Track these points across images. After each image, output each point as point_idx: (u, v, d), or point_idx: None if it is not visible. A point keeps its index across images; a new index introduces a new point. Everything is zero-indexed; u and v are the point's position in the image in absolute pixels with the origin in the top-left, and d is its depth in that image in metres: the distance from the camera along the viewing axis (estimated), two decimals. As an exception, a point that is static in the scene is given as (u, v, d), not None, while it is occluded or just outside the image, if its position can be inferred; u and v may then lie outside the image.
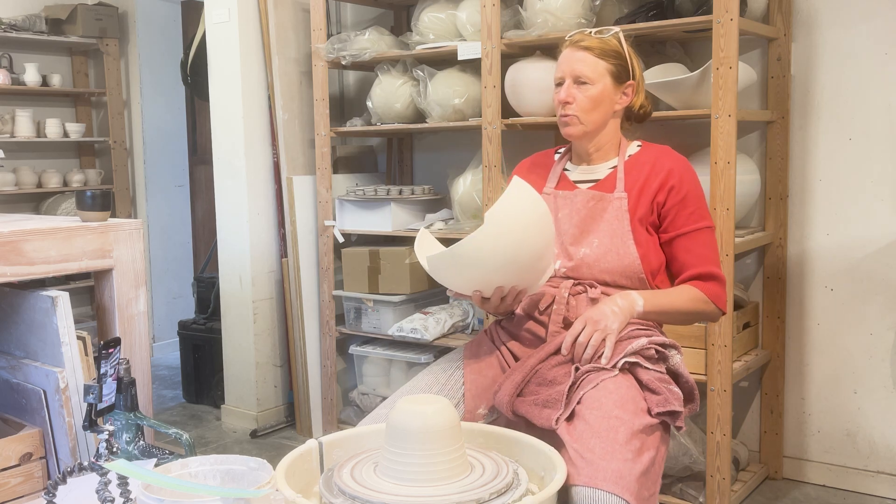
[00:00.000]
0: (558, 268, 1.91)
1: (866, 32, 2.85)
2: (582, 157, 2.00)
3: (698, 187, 1.95)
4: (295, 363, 3.76)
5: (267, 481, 1.52)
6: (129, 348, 2.48)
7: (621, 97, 1.94)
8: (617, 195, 1.90)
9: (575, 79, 1.90)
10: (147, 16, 5.10)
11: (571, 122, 1.92)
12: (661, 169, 1.91)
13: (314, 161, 3.62)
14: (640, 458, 1.56)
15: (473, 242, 1.63)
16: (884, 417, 2.94)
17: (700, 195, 1.94)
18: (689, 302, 1.87)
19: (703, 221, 1.91)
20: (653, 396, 1.70)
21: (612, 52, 1.91)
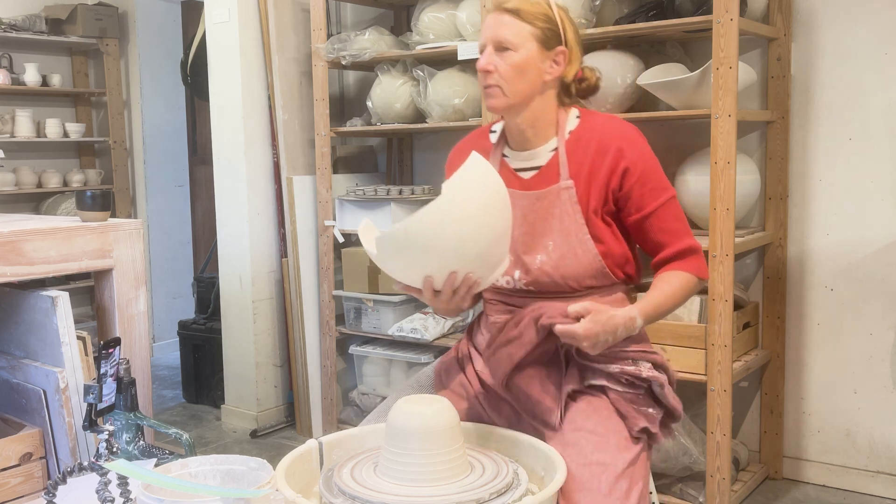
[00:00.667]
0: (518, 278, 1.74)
1: (866, 32, 2.85)
2: (518, 139, 1.79)
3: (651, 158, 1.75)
4: (295, 363, 3.76)
5: (267, 481, 1.52)
6: (129, 348, 2.48)
7: (551, 65, 1.71)
8: (563, 184, 1.71)
9: (496, 45, 1.70)
10: (147, 16, 5.10)
11: (494, 94, 1.71)
12: (608, 149, 1.71)
13: (314, 161, 3.63)
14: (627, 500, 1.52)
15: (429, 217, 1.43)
16: (884, 417, 2.94)
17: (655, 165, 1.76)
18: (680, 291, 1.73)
19: (665, 193, 1.74)
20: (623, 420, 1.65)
21: (539, 14, 1.70)
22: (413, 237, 1.46)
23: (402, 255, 1.53)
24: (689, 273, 1.74)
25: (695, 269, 1.74)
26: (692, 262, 1.74)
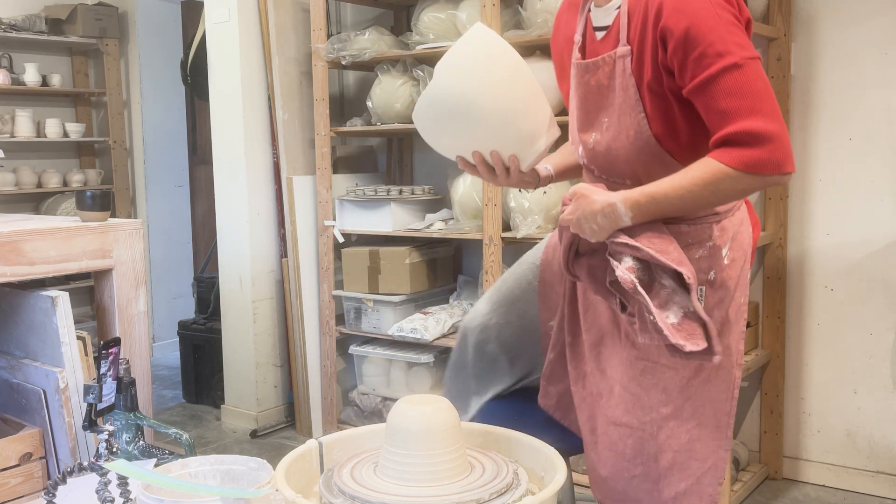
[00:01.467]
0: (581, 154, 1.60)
1: (866, 32, 2.85)
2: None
3: (702, 15, 1.39)
4: (295, 363, 3.76)
5: (267, 481, 1.52)
6: (129, 348, 2.48)
7: None
8: (619, 52, 1.49)
9: None
10: (147, 16, 5.10)
11: None
12: (653, 7, 1.43)
13: (314, 161, 3.62)
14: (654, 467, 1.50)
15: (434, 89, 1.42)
16: (884, 417, 2.94)
17: (707, 25, 1.39)
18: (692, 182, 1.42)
19: (720, 61, 1.38)
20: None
21: None
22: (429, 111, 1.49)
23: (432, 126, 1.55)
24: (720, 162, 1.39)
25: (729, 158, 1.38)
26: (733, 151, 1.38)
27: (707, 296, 1.60)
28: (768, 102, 1.38)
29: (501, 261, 3.07)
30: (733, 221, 1.61)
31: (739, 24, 1.42)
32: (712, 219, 1.58)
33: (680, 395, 1.59)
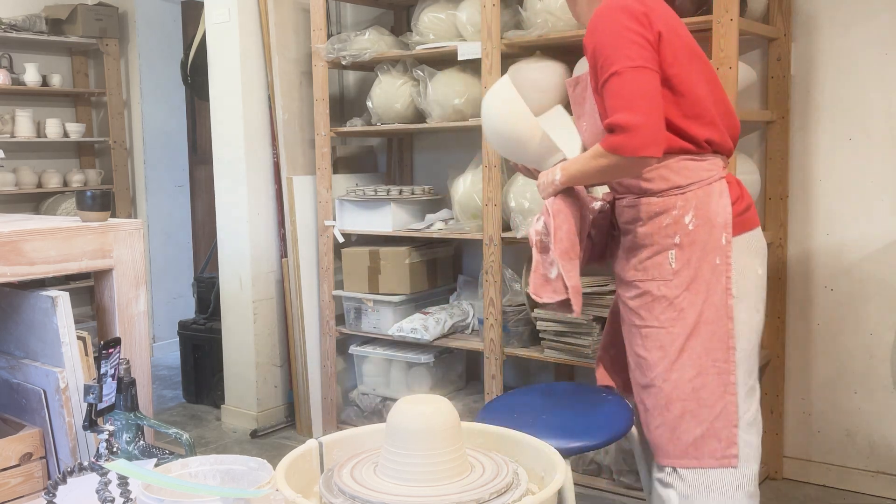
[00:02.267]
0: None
1: (866, 33, 2.85)
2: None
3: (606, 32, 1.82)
4: (295, 363, 3.76)
5: (267, 481, 1.52)
6: (129, 348, 2.48)
7: None
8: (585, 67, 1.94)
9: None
10: (147, 16, 5.10)
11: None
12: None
13: (314, 161, 3.62)
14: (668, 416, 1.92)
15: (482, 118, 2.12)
16: (884, 417, 2.94)
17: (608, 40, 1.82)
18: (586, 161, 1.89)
19: (610, 69, 1.80)
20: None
21: None
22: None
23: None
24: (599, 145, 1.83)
25: (603, 142, 1.82)
26: (607, 137, 1.81)
27: (676, 258, 1.92)
28: (639, 101, 1.78)
29: (501, 261, 3.07)
30: (698, 194, 1.92)
31: (638, 40, 1.81)
32: (676, 191, 1.93)
33: (676, 350, 1.91)
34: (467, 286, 3.54)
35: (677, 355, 1.90)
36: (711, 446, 1.89)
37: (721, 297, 1.89)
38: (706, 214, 1.91)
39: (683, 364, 1.89)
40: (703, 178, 1.93)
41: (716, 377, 1.89)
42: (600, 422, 2.00)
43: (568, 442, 1.89)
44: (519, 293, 3.14)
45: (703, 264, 1.90)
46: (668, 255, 1.92)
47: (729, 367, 1.89)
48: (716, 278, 1.89)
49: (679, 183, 1.92)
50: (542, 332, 3.03)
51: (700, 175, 1.92)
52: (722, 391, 1.89)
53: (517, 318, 3.14)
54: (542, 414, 2.05)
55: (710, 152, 1.94)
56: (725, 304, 1.89)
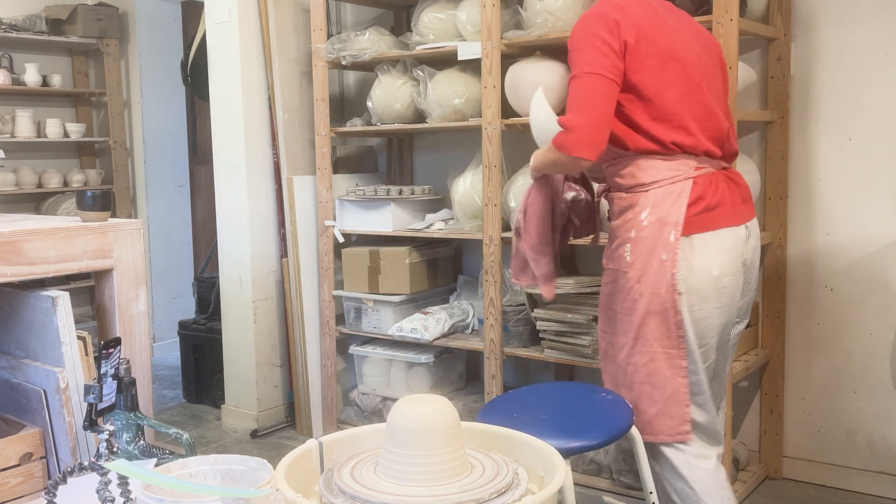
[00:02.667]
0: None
1: (866, 32, 2.85)
2: None
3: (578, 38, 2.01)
4: (295, 363, 3.76)
5: (267, 481, 1.52)
6: (129, 348, 2.48)
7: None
8: None
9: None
10: (147, 16, 5.10)
11: None
12: None
13: (314, 161, 3.63)
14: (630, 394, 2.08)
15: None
16: (884, 417, 2.94)
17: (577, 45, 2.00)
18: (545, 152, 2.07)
19: (572, 71, 2.00)
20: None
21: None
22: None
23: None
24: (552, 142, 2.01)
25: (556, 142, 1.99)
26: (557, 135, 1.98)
27: (630, 251, 2.04)
28: (585, 104, 1.95)
29: (501, 261, 3.07)
30: (658, 193, 2.02)
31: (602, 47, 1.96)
32: (641, 189, 2.05)
33: (632, 336, 2.05)
34: (467, 286, 3.54)
35: (633, 342, 2.05)
36: (665, 423, 2.06)
37: (667, 291, 1.99)
38: (660, 212, 2.01)
39: (639, 350, 2.05)
40: (667, 178, 2.03)
41: (666, 362, 2.03)
42: (600, 421, 2.01)
43: (568, 442, 1.89)
44: (519, 293, 3.14)
45: (651, 259, 2.00)
46: (626, 248, 2.04)
47: (680, 352, 2.02)
48: (662, 273, 1.99)
49: (644, 181, 2.04)
50: (542, 332, 3.03)
51: (665, 174, 2.03)
52: (672, 374, 2.03)
53: (517, 318, 3.14)
54: (543, 413, 2.05)
55: (679, 153, 2.02)
56: (672, 298, 1.99)
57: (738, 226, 2.07)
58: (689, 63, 2.04)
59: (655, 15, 2.04)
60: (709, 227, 2.01)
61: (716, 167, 2.09)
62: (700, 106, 2.04)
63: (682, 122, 2.01)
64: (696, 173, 2.03)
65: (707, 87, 2.07)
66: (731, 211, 2.06)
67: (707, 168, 2.06)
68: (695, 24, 2.19)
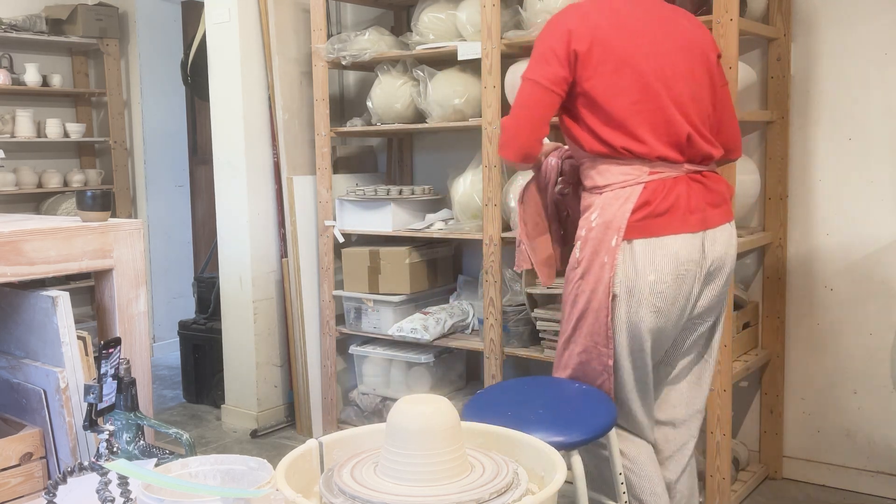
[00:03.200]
0: None
1: (866, 32, 2.85)
2: None
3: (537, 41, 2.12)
4: (295, 363, 3.76)
5: (267, 481, 1.52)
6: (129, 348, 2.48)
7: None
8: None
9: None
10: (147, 16, 5.11)
11: None
12: None
13: (314, 161, 3.63)
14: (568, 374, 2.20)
15: None
16: (884, 417, 2.94)
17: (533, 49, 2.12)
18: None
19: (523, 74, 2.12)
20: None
21: None
22: None
23: None
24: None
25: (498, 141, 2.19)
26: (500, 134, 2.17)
27: (580, 248, 2.12)
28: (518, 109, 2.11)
29: (501, 261, 3.07)
30: (608, 197, 2.08)
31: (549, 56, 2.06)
32: (596, 191, 2.12)
33: (571, 326, 2.15)
34: (467, 286, 3.54)
35: (572, 332, 2.15)
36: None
37: (604, 292, 2.06)
38: (606, 216, 2.06)
39: (577, 339, 2.15)
40: (618, 181, 2.07)
41: (597, 358, 2.12)
42: (600, 412, 2.01)
43: (570, 436, 1.90)
44: (519, 293, 3.14)
45: (594, 259, 2.07)
46: (577, 246, 2.13)
47: (609, 352, 2.09)
48: (601, 275, 2.06)
49: (599, 183, 2.11)
50: (542, 332, 3.03)
51: (617, 178, 2.07)
52: (601, 370, 2.12)
53: (517, 318, 3.14)
54: (539, 408, 2.05)
55: (632, 158, 2.05)
56: (606, 299, 2.06)
57: (690, 233, 2.05)
58: (648, 69, 2.04)
59: (618, 21, 2.06)
60: (651, 233, 2.03)
61: (679, 171, 2.08)
62: (656, 112, 2.04)
63: (633, 129, 2.03)
64: (650, 178, 2.05)
65: (669, 92, 2.06)
66: (683, 218, 2.05)
67: (665, 173, 2.06)
68: (682, 23, 2.15)
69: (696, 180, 2.10)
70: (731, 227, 2.16)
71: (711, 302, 2.15)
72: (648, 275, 2.03)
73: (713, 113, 2.16)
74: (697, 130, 2.10)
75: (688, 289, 2.07)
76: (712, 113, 2.15)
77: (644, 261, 2.03)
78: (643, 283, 2.03)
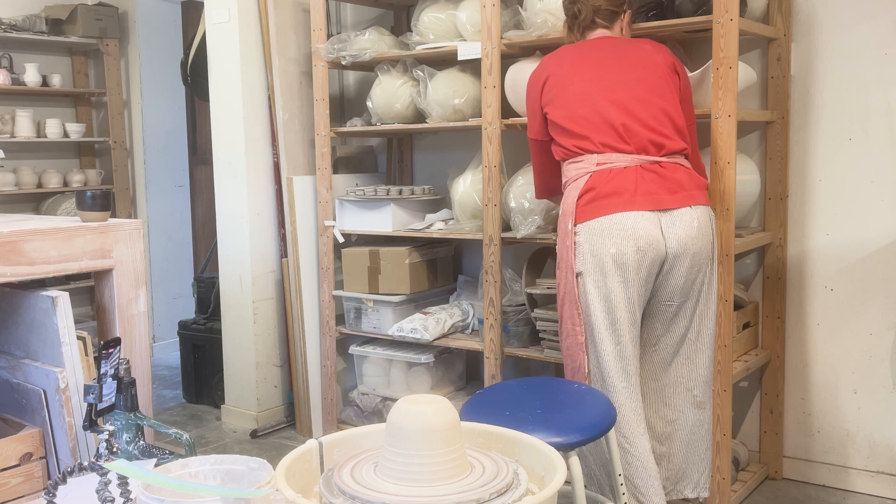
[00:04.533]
0: None
1: (866, 32, 2.85)
2: None
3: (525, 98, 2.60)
4: (295, 363, 3.76)
5: (267, 481, 1.52)
6: (129, 348, 2.48)
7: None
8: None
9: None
10: (147, 16, 5.10)
11: None
12: None
13: (314, 161, 3.63)
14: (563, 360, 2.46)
15: None
16: (884, 417, 2.94)
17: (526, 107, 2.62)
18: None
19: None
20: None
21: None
22: None
23: None
24: None
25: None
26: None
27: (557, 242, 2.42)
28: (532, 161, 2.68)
29: (501, 261, 3.07)
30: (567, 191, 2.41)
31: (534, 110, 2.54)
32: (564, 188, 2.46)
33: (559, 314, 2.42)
34: (467, 286, 3.54)
35: (560, 320, 2.42)
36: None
37: (570, 273, 2.34)
38: (563, 206, 2.40)
39: (561, 328, 2.42)
40: (572, 177, 2.39)
41: (573, 338, 2.37)
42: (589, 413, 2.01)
43: (569, 436, 1.89)
44: (519, 293, 3.14)
45: (561, 247, 2.38)
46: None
47: (580, 329, 2.34)
48: (566, 258, 2.35)
49: (566, 182, 2.44)
50: (542, 332, 3.03)
51: (572, 174, 2.40)
52: (577, 350, 2.37)
53: (517, 318, 3.14)
54: (537, 408, 2.05)
55: (583, 154, 2.38)
56: (573, 279, 2.33)
57: (641, 211, 2.28)
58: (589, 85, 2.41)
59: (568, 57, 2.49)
60: (599, 213, 2.30)
61: (629, 162, 2.34)
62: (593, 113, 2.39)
63: (578, 131, 2.39)
64: (597, 168, 2.34)
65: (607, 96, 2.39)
66: (630, 199, 2.29)
67: (613, 163, 2.34)
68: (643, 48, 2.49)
69: (649, 169, 2.34)
70: (694, 213, 2.33)
71: (684, 284, 2.36)
72: (610, 248, 2.27)
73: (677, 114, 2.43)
74: (641, 123, 2.36)
75: (649, 261, 2.29)
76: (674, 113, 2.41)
77: (602, 237, 2.28)
78: (606, 256, 2.27)
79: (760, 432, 3.14)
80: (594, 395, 2.13)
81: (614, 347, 2.31)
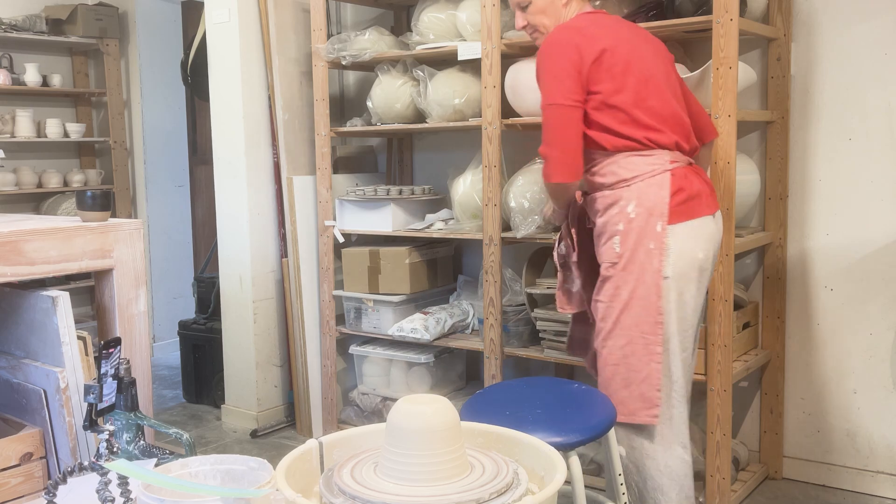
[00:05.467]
0: None
1: (866, 32, 2.85)
2: None
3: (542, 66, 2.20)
4: (295, 363, 3.76)
5: (267, 481, 1.52)
6: (129, 348, 2.48)
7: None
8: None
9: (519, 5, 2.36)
10: (147, 16, 5.10)
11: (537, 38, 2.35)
12: None
13: (314, 161, 3.63)
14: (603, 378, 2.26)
15: None
16: (884, 417, 2.94)
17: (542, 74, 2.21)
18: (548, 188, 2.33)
19: (542, 101, 2.18)
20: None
21: None
22: None
23: None
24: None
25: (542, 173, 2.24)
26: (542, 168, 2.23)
27: (620, 242, 2.19)
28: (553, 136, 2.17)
29: (501, 261, 3.07)
30: (640, 186, 2.18)
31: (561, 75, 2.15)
32: (623, 184, 2.20)
33: (612, 322, 2.20)
34: (467, 286, 3.54)
35: (612, 326, 2.20)
36: (636, 405, 2.19)
37: (653, 277, 2.15)
38: (646, 204, 2.17)
39: (617, 334, 2.19)
40: (646, 172, 2.19)
41: (643, 347, 2.17)
42: (589, 413, 2.01)
43: (569, 436, 1.90)
44: (519, 293, 3.14)
45: (638, 248, 2.16)
46: (614, 241, 2.20)
47: (656, 338, 2.16)
48: (648, 260, 2.16)
49: (625, 177, 2.20)
50: (542, 332, 3.03)
51: (643, 169, 2.19)
52: (648, 359, 2.17)
53: (517, 318, 3.14)
54: (537, 408, 2.05)
55: (655, 148, 2.20)
56: (656, 283, 2.15)
57: (711, 215, 2.25)
58: (648, 69, 2.22)
59: (613, 30, 2.24)
60: (691, 215, 2.19)
61: (685, 162, 2.25)
62: (665, 106, 2.23)
63: (649, 123, 2.19)
64: (672, 166, 2.20)
65: (669, 89, 2.26)
66: (707, 200, 2.24)
67: (679, 162, 2.23)
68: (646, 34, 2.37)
69: (695, 171, 2.29)
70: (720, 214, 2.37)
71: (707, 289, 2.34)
72: (697, 253, 2.18)
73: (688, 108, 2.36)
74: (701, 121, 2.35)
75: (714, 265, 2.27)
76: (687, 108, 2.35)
77: (691, 241, 2.17)
78: (693, 261, 2.17)
79: (760, 432, 3.14)
80: (594, 395, 2.13)
81: (682, 355, 2.21)
